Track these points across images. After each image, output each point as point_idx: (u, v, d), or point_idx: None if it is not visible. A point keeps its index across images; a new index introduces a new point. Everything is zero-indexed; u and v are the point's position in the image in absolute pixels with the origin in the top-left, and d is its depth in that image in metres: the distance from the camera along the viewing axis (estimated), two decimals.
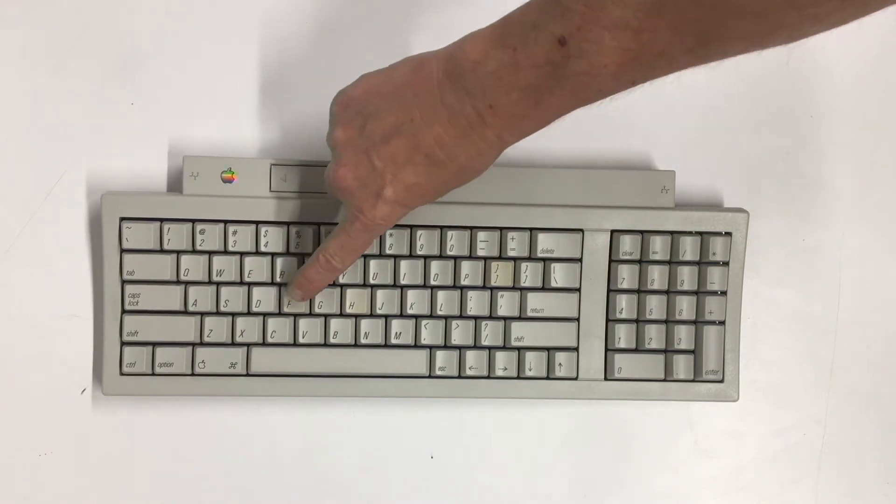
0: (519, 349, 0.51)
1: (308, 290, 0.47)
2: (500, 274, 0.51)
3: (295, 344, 0.50)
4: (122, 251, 0.49)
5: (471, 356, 0.51)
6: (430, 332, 0.50)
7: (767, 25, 0.31)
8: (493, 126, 0.37)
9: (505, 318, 0.51)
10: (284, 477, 0.53)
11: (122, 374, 0.49)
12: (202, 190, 0.49)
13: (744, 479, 0.56)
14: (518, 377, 0.51)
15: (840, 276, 0.56)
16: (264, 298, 0.49)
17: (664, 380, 0.52)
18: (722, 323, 0.52)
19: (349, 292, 0.50)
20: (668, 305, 0.52)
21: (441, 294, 0.50)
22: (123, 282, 0.49)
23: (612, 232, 0.51)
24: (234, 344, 0.50)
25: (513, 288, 0.51)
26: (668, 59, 0.33)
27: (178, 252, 0.49)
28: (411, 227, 0.50)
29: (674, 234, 0.51)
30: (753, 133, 0.55)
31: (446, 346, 0.51)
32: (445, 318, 0.50)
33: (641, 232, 0.51)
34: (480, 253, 0.50)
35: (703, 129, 0.55)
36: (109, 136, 0.52)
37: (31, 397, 0.51)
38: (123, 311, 0.49)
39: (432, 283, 0.50)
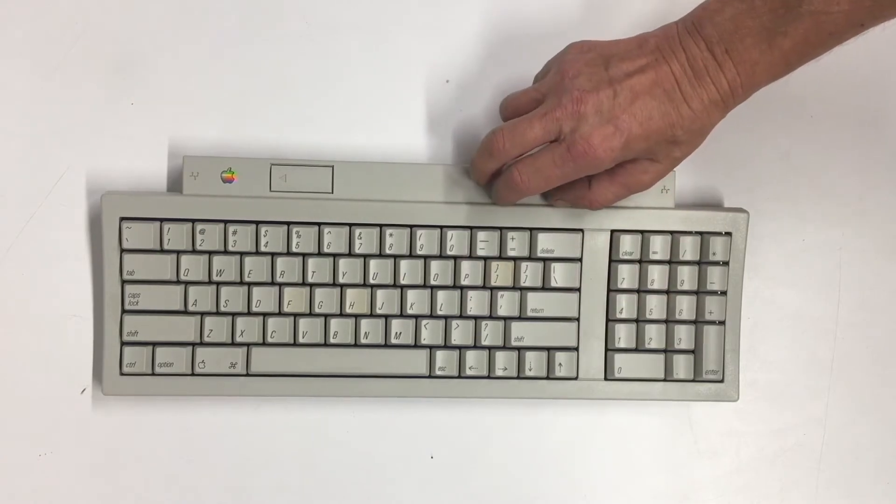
0: (519, 349, 0.51)
1: (504, 201, 0.49)
2: (500, 274, 0.51)
3: (295, 344, 0.50)
4: (122, 251, 0.49)
5: (471, 356, 0.51)
6: (430, 332, 0.50)
7: None
8: (728, 71, 0.41)
9: (505, 318, 0.51)
10: (284, 477, 0.53)
11: (122, 374, 0.49)
12: (202, 190, 0.49)
13: (744, 479, 0.56)
14: (518, 377, 0.51)
15: (840, 276, 0.56)
16: (264, 298, 0.49)
17: (664, 380, 0.52)
18: (722, 323, 0.52)
19: (349, 292, 0.50)
20: (668, 305, 0.52)
21: (441, 294, 0.50)
22: (123, 282, 0.49)
23: (612, 232, 0.51)
24: (234, 344, 0.50)
25: (513, 288, 0.51)
26: None
27: (178, 252, 0.49)
28: (411, 227, 0.50)
29: (674, 234, 0.51)
30: (753, 133, 0.55)
31: (446, 346, 0.51)
32: (445, 318, 0.50)
33: (641, 232, 0.51)
34: (480, 253, 0.50)
35: None
36: (109, 136, 0.52)
37: (31, 397, 0.51)
38: (123, 311, 0.49)
39: (432, 283, 0.50)
